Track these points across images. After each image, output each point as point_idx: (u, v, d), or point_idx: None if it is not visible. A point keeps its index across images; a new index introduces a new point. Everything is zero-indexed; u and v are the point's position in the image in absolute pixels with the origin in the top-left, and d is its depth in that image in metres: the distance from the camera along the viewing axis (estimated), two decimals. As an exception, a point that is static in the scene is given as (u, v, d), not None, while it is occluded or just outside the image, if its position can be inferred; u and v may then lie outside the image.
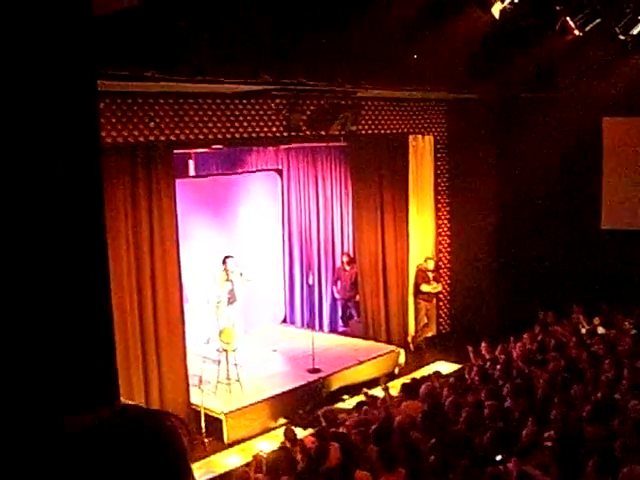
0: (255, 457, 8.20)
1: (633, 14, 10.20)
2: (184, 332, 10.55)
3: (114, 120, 9.34)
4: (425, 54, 9.70)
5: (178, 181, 10.72)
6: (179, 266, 10.40)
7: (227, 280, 12.05)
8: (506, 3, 9.06)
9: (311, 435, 8.72)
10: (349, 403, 10.91)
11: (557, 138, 13.17)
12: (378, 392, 10.41)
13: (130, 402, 7.55)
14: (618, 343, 10.71)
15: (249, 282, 12.49)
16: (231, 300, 12.16)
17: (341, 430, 8.32)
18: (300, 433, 9.16)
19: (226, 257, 12.24)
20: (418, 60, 9.78)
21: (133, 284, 9.91)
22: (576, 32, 10.05)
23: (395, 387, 10.47)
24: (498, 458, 6.77)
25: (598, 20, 9.96)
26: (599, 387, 8.69)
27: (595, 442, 6.89)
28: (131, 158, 9.82)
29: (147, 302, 10.08)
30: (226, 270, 12.13)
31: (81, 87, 1.85)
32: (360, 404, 9.83)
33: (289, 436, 8.41)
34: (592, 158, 14.23)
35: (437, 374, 10.66)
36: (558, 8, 9.83)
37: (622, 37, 10.48)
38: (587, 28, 10.01)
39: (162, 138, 10.01)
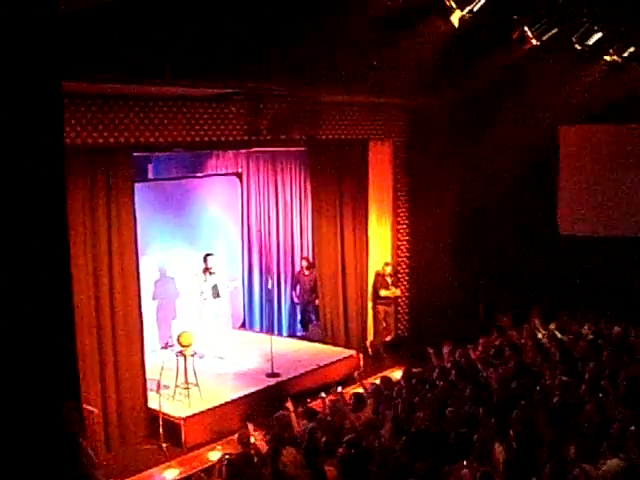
0: (218, 461, 8.14)
1: (589, 24, 10.40)
2: (142, 336, 10.47)
3: (73, 121, 9.23)
4: (386, 62, 9.77)
5: (137, 185, 10.63)
6: (137, 270, 10.32)
7: (210, 275, 12.41)
8: (465, 12, 9.15)
9: (265, 439, 8.64)
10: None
11: (516, 145, 13.33)
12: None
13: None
14: (574, 348, 10.85)
15: (233, 283, 13.23)
16: (214, 295, 12.45)
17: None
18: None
19: (207, 255, 12.59)
20: (379, 67, 9.84)
21: (91, 288, 9.80)
22: (533, 41, 10.22)
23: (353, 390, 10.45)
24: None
25: (555, 30, 10.13)
26: (554, 391, 8.81)
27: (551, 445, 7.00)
28: (90, 160, 9.72)
29: (105, 306, 9.98)
30: (207, 268, 12.40)
31: (46, 88, 1.83)
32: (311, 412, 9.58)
33: (243, 440, 8.37)
34: (551, 165, 14.46)
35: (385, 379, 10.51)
36: (516, 17, 9.98)
37: (579, 47, 10.68)
38: (544, 37, 10.19)
39: (122, 140, 9.93)
